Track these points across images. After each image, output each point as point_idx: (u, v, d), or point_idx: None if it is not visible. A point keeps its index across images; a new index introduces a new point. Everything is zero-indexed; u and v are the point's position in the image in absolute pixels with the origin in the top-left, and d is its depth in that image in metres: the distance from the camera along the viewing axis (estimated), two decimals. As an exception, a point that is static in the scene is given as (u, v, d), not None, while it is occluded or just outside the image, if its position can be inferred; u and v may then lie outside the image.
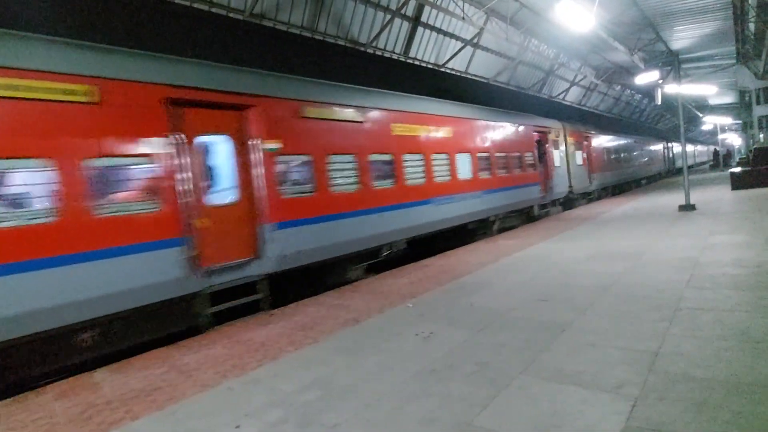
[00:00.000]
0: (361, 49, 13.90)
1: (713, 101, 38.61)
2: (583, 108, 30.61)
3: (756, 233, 7.53)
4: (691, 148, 46.13)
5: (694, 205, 11.75)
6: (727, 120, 38.50)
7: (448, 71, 17.67)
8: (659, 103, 22.08)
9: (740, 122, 38.98)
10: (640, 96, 37.19)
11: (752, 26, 17.08)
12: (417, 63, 16.25)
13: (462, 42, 17.27)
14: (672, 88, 16.96)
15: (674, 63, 14.33)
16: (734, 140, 48.86)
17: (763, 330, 3.60)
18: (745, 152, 30.99)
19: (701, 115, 41.68)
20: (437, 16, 15.64)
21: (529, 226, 12.50)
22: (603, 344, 3.75)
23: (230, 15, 10.52)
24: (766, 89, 23.87)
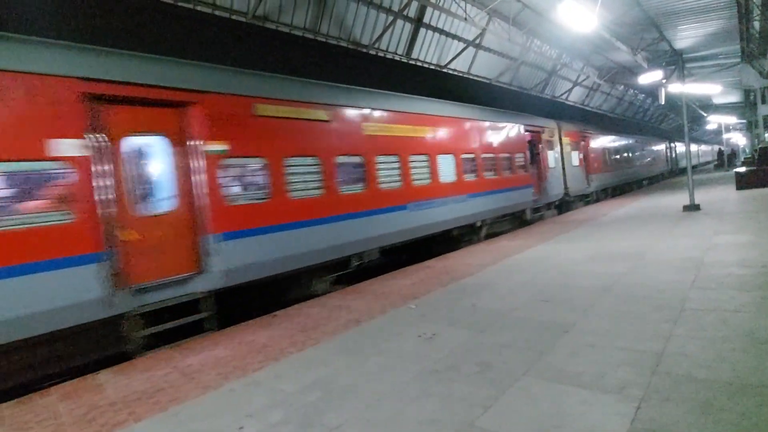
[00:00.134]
0: (364, 51, 13.93)
1: (718, 100, 38.42)
2: (586, 108, 30.53)
3: (761, 233, 7.48)
4: (695, 148, 45.83)
5: (699, 205, 11.68)
6: (732, 119, 38.24)
7: (451, 72, 17.67)
8: (663, 103, 21.96)
9: (745, 121, 38.79)
10: (644, 96, 37.05)
11: (757, 24, 16.99)
12: (419, 64, 16.26)
13: (464, 43, 17.27)
14: (676, 88, 16.87)
15: (678, 62, 14.26)
16: (739, 140, 48.59)
17: (769, 331, 3.57)
18: (750, 152, 30.78)
19: (705, 115, 41.44)
20: (439, 17, 15.66)
21: (529, 229, 12.45)
22: (606, 345, 3.72)
23: (233, 17, 10.58)
24: (772, 88, 23.69)
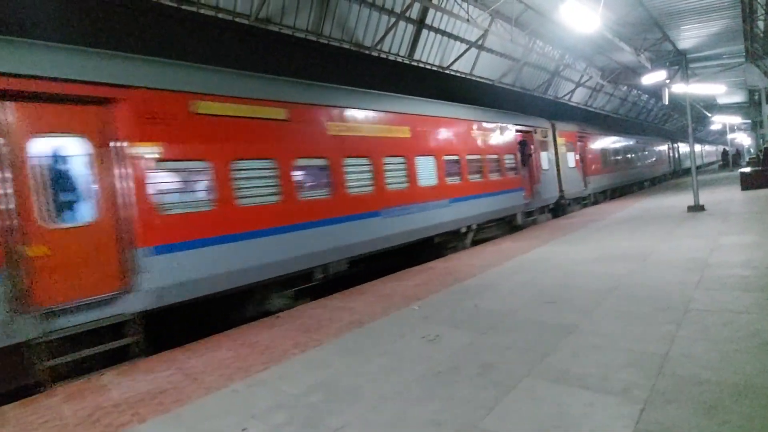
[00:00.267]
0: (366, 53, 13.95)
1: (722, 100, 38.22)
2: (589, 109, 30.44)
3: (766, 234, 7.43)
4: (699, 148, 45.56)
5: (703, 206, 11.61)
6: (737, 119, 38.06)
7: (453, 73, 17.68)
8: (666, 103, 21.88)
9: (750, 121, 38.59)
10: (647, 96, 36.91)
11: (761, 24, 16.90)
12: (422, 65, 16.27)
13: (467, 44, 17.26)
14: (679, 88, 16.78)
15: (682, 62, 14.23)
16: (744, 140, 48.34)
17: (775, 332, 3.55)
18: (755, 152, 30.61)
19: (710, 115, 41.27)
20: (442, 19, 15.66)
21: (530, 230, 12.41)
22: (609, 346, 3.71)
23: (236, 20, 10.62)
24: (776, 88, 23.56)
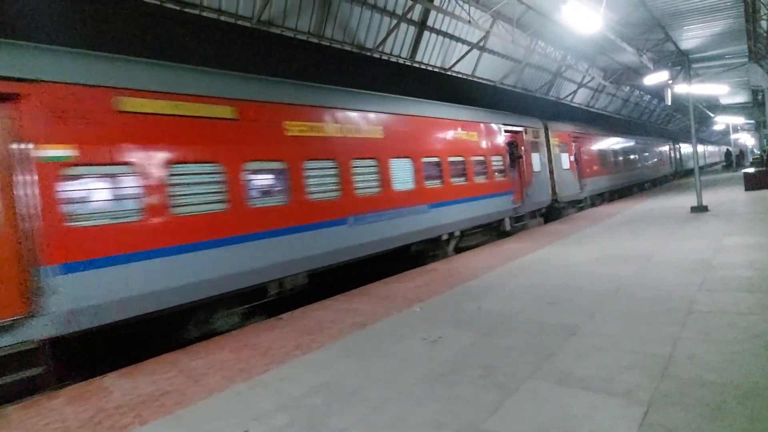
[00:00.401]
0: (368, 54, 13.97)
1: (725, 101, 38.06)
2: (592, 110, 30.38)
3: (771, 234, 7.40)
4: (702, 149, 45.36)
5: (707, 207, 11.57)
6: (740, 120, 37.93)
7: (455, 75, 17.68)
8: (669, 104, 21.81)
9: (753, 122, 38.44)
10: (650, 97, 36.82)
11: (764, 24, 16.84)
12: (423, 67, 16.29)
13: (468, 45, 17.27)
14: (682, 89, 16.76)
15: (684, 63, 14.20)
16: (747, 140, 48.15)
17: (779, 333, 3.53)
18: (759, 152, 30.50)
19: (713, 115, 41.12)
20: (443, 20, 15.68)
21: (531, 231, 12.38)
22: (613, 348, 3.69)
23: (238, 23, 10.66)
24: (779, 88, 23.47)
